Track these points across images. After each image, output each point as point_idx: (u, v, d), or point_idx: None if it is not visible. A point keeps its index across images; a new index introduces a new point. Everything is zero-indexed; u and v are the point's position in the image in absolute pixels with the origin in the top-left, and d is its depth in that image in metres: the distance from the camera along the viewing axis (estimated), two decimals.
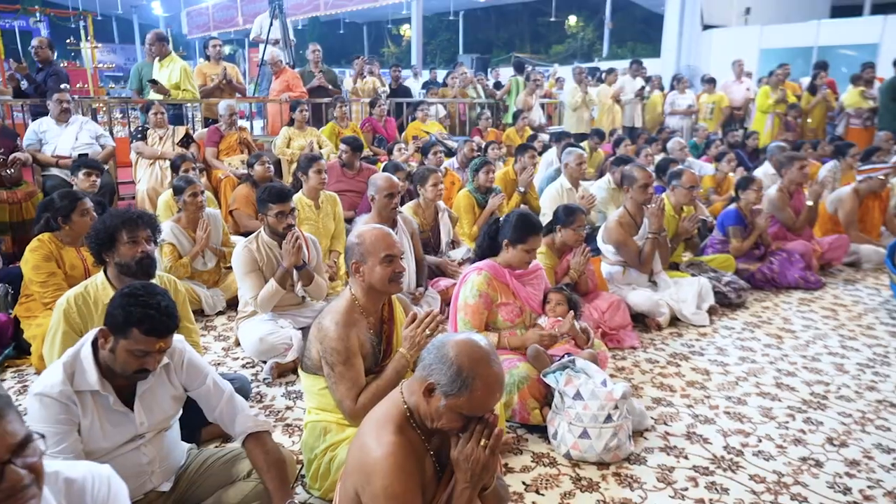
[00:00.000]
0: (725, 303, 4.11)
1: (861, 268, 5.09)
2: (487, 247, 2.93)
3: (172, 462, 1.92)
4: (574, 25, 30.73)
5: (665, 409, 2.82)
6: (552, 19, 26.64)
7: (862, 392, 3.00)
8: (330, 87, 7.37)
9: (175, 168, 4.69)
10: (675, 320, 3.85)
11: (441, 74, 13.39)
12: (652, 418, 2.74)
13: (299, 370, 2.28)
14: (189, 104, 6.99)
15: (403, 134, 7.77)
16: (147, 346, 1.67)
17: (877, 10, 14.89)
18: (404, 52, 31.47)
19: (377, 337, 2.28)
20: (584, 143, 8.04)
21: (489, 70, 10.94)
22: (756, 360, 3.36)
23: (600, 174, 7.49)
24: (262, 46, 8.57)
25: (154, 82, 6.22)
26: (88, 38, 13.99)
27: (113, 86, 16.56)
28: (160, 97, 6.18)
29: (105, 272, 2.40)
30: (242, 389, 2.55)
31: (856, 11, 15.26)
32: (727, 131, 8.51)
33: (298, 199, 4.29)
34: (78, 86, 11.96)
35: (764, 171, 6.51)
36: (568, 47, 30.32)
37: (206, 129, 6.15)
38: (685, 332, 3.74)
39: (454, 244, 4.37)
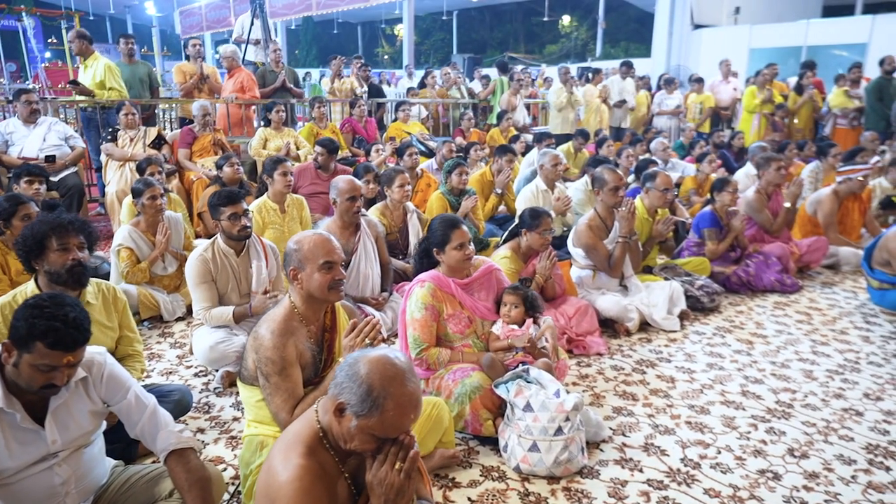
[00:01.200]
0: (698, 307, 4.03)
1: (840, 270, 5.02)
2: (426, 265, 2.84)
3: (91, 481, 1.84)
4: (568, 25, 30.65)
5: (625, 419, 2.74)
6: (545, 19, 26.54)
7: (829, 400, 2.93)
8: (293, 87, 7.23)
9: (141, 171, 4.59)
10: (645, 325, 3.78)
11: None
12: (611, 429, 2.66)
13: (237, 381, 2.20)
14: (165, 105, 6.90)
15: (385, 135, 7.69)
16: (53, 360, 1.59)
17: (868, 9, 14.86)
18: (398, 52, 31.41)
19: (318, 346, 2.20)
20: (569, 144, 7.99)
21: (473, 70, 10.82)
22: (724, 366, 3.28)
23: (583, 175, 7.45)
24: (243, 46, 8.46)
25: (75, 83, 6.03)
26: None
27: None
28: (89, 97, 6.04)
29: (35, 280, 2.31)
30: (182, 401, 2.46)
31: (848, 11, 15.23)
32: (713, 131, 8.44)
33: (263, 202, 4.22)
34: (60, 86, 11.88)
35: (746, 171, 6.44)
36: (562, 47, 30.25)
37: (179, 130, 6.05)
38: (655, 337, 3.66)
39: None
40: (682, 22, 14.03)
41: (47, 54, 17.85)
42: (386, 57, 35.63)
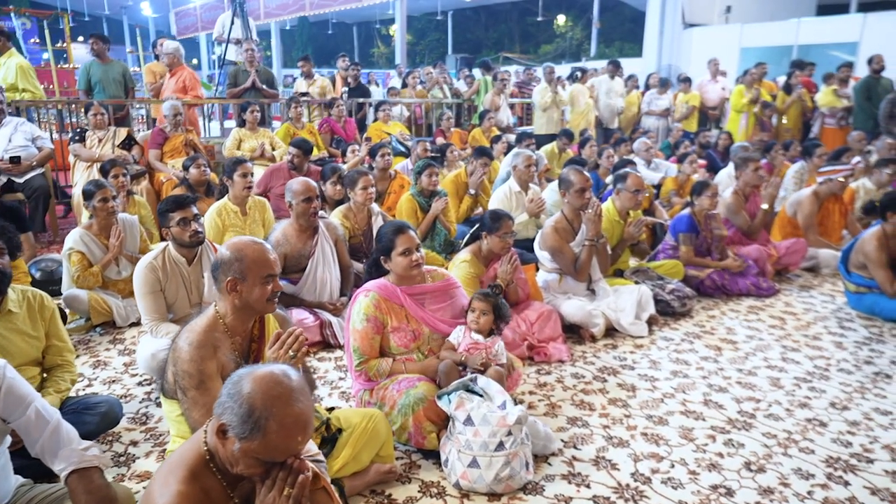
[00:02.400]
0: (669, 312, 3.93)
1: (820, 273, 4.92)
2: (376, 274, 2.74)
3: None
4: (563, 25, 30.56)
5: (578, 431, 2.64)
6: (539, 19, 26.45)
7: (793, 410, 2.82)
8: (264, 87, 7.09)
9: (104, 172, 4.48)
10: (613, 331, 3.67)
11: None
12: (562, 440, 2.56)
13: (160, 394, 2.10)
14: (138, 104, 6.79)
15: (365, 135, 7.58)
16: None
17: (862, 8, 14.75)
18: (394, 53, 31.29)
19: (243, 358, 2.10)
20: (553, 144, 7.89)
21: (457, 70, 10.72)
22: (689, 374, 3.18)
23: None
24: (223, 46, 8.36)
25: None
26: (65, 38, 13.82)
27: None
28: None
29: None
30: (110, 414, 2.36)
31: (842, 10, 15.12)
32: (699, 131, 8.34)
33: (223, 205, 4.11)
34: (49, 86, 11.75)
35: (728, 172, 6.31)
36: (557, 47, 30.17)
37: (150, 131, 5.95)
38: (621, 343, 3.55)
39: None
40: (674, 21, 13.93)
41: (45, 55, 17.75)
42: (383, 57, 35.53)
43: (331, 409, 2.32)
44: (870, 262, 3.89)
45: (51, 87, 10.53)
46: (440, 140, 7.68)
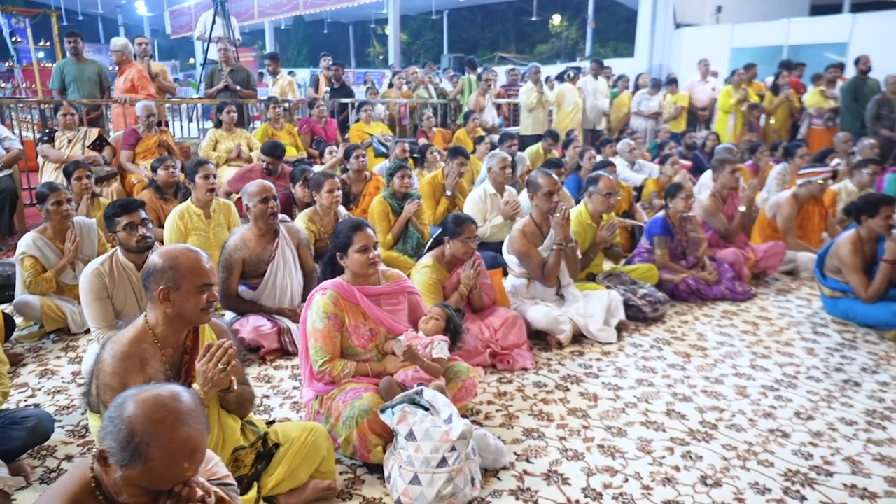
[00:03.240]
0: (640, 317, 3.85)
1: (799, 276, 4.84)
2: (331, 274, 2.67)
3: None
4: (558, 25, 30.48)
5: (533, 443, 2.56)
6: (534, 19, 26.37)
7: (756, 420, 2.74)
8: (238, 87, 6.99)
9: (67, 174, 4.40)
10: (581, 337, 3.59)
11: None
12: (515, 453, 2.48)
13: (86, 408, 2.01)
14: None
15: (347, 135, 7.50)
16: None
17: (856, 8, 14.68)
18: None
19: (174, 370, 2.02)
20: (538, 145, 7.81)
21: (442, 70, 10.64)
22: (654, 382, 3.10)
23: None
24: (204, 44, 8.28)
25: None
26: (48, 38, 13.73)
27: None
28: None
29: None
30: (39, 428, 2.27)
31: (836, 10, 15.04)
32: (685, 132, 8.26)
33: (186, 207, 4.03)
34: (31, 85, 11.68)
35: (711, 174, 6.26)
36: (552, 47, 30.08)
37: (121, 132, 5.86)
38: (588, 350, 3.47)
39: None
40: (665, 21, 13.85)
41: (41, 54, 17.67)
42: (380, 57, 35.45)
43: (271, 423, 2.24)
44: (844, 266, 3.81)
45: (33, 86, 10.42)
46: (422, 140, 7.60)
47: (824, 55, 10.90)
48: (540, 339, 3.56)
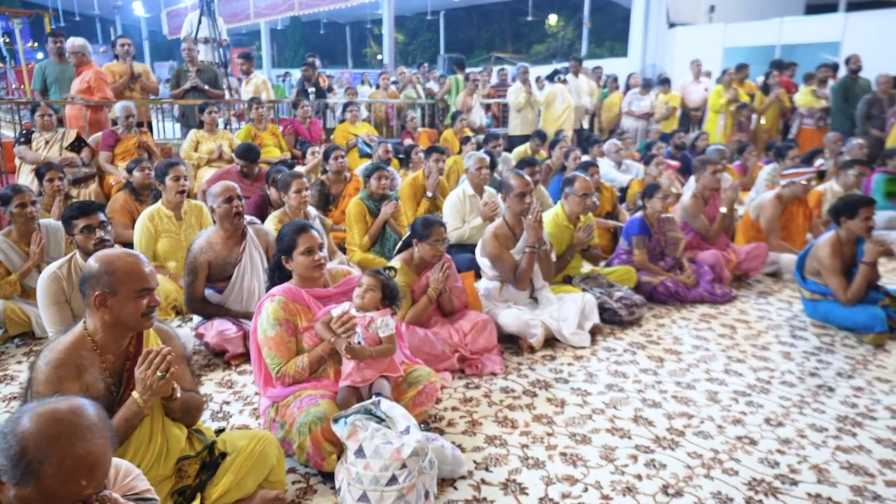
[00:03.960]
0: (616, 320, 3.80)
1: (782, 278, 4.78)
2: (278, 279, 2.61)
3: None
4: (554, 25, 30.43)
5: (494, 451, 2.50)
6: (529, 19, 26.32)
7: (725, 427, 2.69)
8: (206, 87, 6.91)
9: (39, 176, 4.34)
10: (554, 341, 3.53)
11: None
12: (475, 462, 2.42)
13: None
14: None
15: (332, 136, 7.45)
16: None
17: (852, 7, 14.62)
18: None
19: (115, 377, 1.96)
20: (526, 145, 7.76)
21: (419, 68, 10.56)
22: (624, 387, 3.04)
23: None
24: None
25: None
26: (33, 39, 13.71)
27: None
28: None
29: None
30: None
31: (832, 9, 14.99)
32: (674, 132, 8.19)
33: (156, 209, 3.97)
34: (20, 86, 11.62)
35: None
36: (548, 47, 30.04)
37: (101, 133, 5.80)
38: (560, 354, 3.41)
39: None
40: (658, 20, 13.80)
41: (40, 55, 17.61)
42: (378, 57, 35.45)
43: (220, 431, 2.19)
44: (823, 268, 3.76)
45: (22, 87, 10.37)
46: (408, 141, 7.55)
47: (820, 55, 10.85)
48: (512, 342, 3.50)
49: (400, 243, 3.40)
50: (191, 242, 3.41)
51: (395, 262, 3.29)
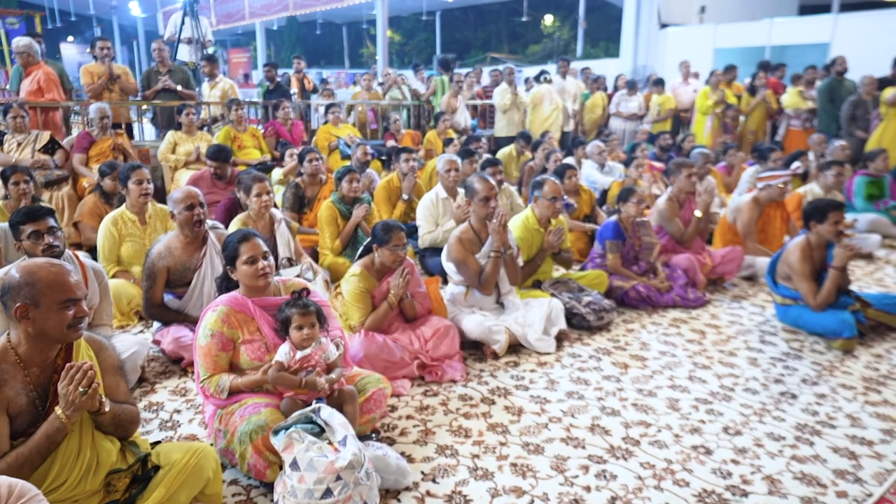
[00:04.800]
0: (584, 326, 3.75)
1: (758, 282, 4.74)
2: (225, 288, 2.57)
3: None
4: (550, 25, 30.39)
5: (444, 461, 2.46)
6: (524, 19, 26.27)
7: (682, 435, 2.64)
8: (179, 88, 6.85)
9: (4, 179, 4.29)
10: (519, 347, 3.49)
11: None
12: (422, 472, 2.38)
13: None
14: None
15: (314, 139, 7.40)
16: None
17: (845, 8, 14.58)
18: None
19: (40, 390, 1.92)
20: (511, 147, 7.72)
21: (416, 71, 10.52)
22: (585, 395, 3.00)
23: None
24: (174, 46, 8.16)
25: None
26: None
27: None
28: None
29: None
30: None
31: (825, 10, 14.95)
32: (659, 134, 8.14)
33: (120, 213, 3.93)
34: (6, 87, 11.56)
35: None
36: (544, 47, 29.99)
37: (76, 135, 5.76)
38: (524, 361, 3.37)
39: (291, 260, 3.96)
40: (650, 21, 13.76)
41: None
42: (374, 57, 35.40)
43: (156, 444, 2.14)
44: (794, 273, 3.71)
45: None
46: (391, 143, 7.51)
47: (807, 55, 10.81)
48: (477, 349, 3.46)
49: (361, 248, 3.36)
50: (145, 248, 3.36)
51: (356, 267, 3.25)
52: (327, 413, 2.22)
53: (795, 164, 5.22)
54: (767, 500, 2.23)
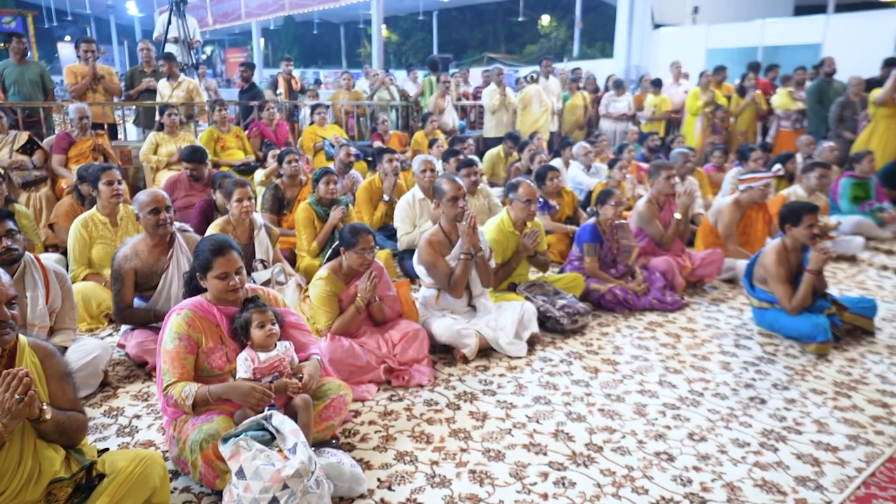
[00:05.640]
0: (558, 329, 3.72)
1: (739, 285, 4.70)
2: (191, 292, 2.53)
3: None
4: (547, 25, 30.36)
5: (402, 468, 2.42)
6: (521, 19, 26.25)
7: (646, 441, 2.61)
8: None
9: None
10: (490, 351, 3.45)
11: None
12: (378, 479, 2.35)
13: None
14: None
15: (300, 139, 7.38)
16: None
17: (841, 8, 14.55)
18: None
19: None
20: (499, 148, 7.69)
21: (408, 71, 10.49)
22: (552, 400, 2.97)
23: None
24: (161, 45, 8.14)
25: None
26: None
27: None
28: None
29: None
30: None
31: (821, 11, 14.92)
32: (647, 135, 8.10)
33: (91, 215, 3.90)
34: None
35: None
36: (541, 47, 29.95)
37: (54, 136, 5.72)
38: (494, 365, 3.34)
39: (264, 262, 3.91)
40: (643, 21, 13.73)
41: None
42: (370, 57, 35.35)
43: (103, 451, 2.11)
44: (769, 276, 3.68)
45: None
46: (377, 143, 7.48)
47: (800, 56, 10.78)
48: (448, 353, 3.43)
49: (329, 251, 3.32)
50: (116, 250, 3.33)
51: (324, 270, 3.22)
52: (279, 420, 2.19)
53: (777, 167, 5.18)
54: None
